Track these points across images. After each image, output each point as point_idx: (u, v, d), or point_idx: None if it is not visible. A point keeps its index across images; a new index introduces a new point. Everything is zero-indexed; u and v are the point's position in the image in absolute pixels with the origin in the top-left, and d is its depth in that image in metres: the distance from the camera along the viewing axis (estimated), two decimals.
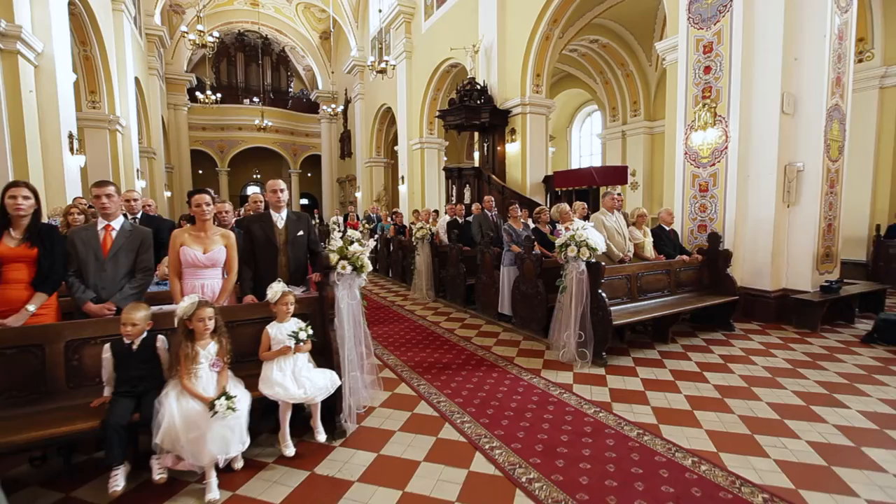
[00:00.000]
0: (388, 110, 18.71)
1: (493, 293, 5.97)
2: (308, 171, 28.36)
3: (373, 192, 21.12)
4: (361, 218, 13.33)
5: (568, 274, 4.29)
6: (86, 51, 11.17)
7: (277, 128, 25.97)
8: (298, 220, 3.51)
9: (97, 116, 11.62)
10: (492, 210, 6.68)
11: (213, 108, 24.62)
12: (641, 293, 4.96)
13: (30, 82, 7.10)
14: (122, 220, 2.99)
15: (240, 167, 27.97)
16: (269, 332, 2.81)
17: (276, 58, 27.27)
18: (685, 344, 4.87)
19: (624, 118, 13.43)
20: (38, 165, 7.22)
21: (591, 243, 4.18)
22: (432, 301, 7.46)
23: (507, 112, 10.77)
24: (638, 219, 5.61)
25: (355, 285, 3.25)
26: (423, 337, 5.36)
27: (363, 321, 3.36)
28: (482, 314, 6.29)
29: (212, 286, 3.10)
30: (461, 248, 6.81)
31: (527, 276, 5.27)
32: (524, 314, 5.38)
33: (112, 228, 2.93)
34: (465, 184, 10.97)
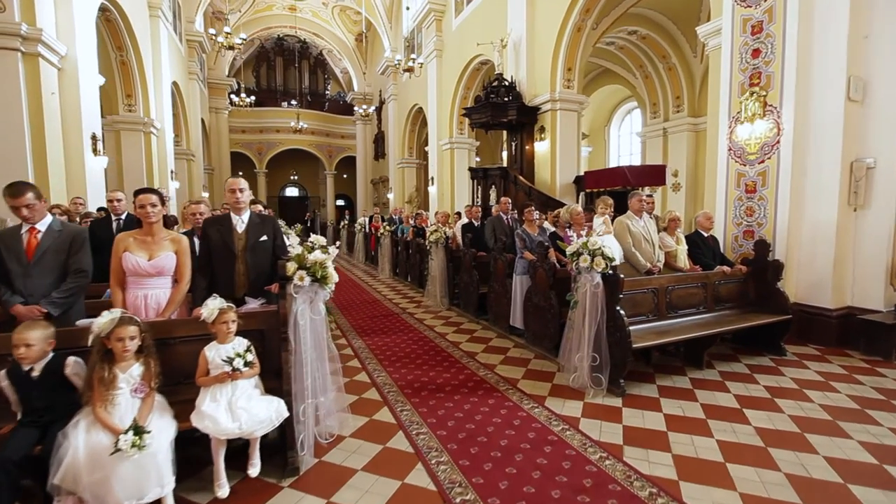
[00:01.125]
0: (420, 111, 18.46)
1: (504, 304, 5.44)
2: (343, 173, 28.64)
3: (404, 194, 20.95)
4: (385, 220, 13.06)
5: (580, 287, 3.71)
6: (122, 56, 11.50)
7: (313, 130, 26.35)
8: (263, 223, 3.15)
9: (132, 119, 11.96)
10: (507, 213, 6.14)
11: (252, 111, 25.36)
12: (671, 310, 4.29)
13: (52, 84, 7.23)
14: (49, 221, 2.72)
15: (278, 169, 28.62)
16: (207, 355, 2.44)
17: (314, 61, 27.74)
18: (724, 370, 4.15)
19: (666, 114, 12.45)
20: (59, 166, 7.34)
21: (608, 252, 3.59)
22: (445, 309, 6.99)
23: (535, 109, 10.16)
24: (670, 223, 4.91)
25: (319, 299, 2.85)
26: (423, 351, 4.91)
27: (328, 338, 2.95)
28: (494, 326, 5.77)
29: (157, 297, 2.77)
30: (474, 254, 6.31)
31: (539, 286, 4.71)
32: (536, 329, 4.82)
33: (37, 231, 2.66)
34: (491, 185, 10.45)
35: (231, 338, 2.51)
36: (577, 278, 3.76)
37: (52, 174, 7.06)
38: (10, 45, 6.57)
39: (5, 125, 6.62)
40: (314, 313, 2.85)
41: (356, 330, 5.84)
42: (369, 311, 7.02)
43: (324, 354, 2.91)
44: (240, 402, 2.37)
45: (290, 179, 30.54)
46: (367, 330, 5.84)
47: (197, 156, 18.65)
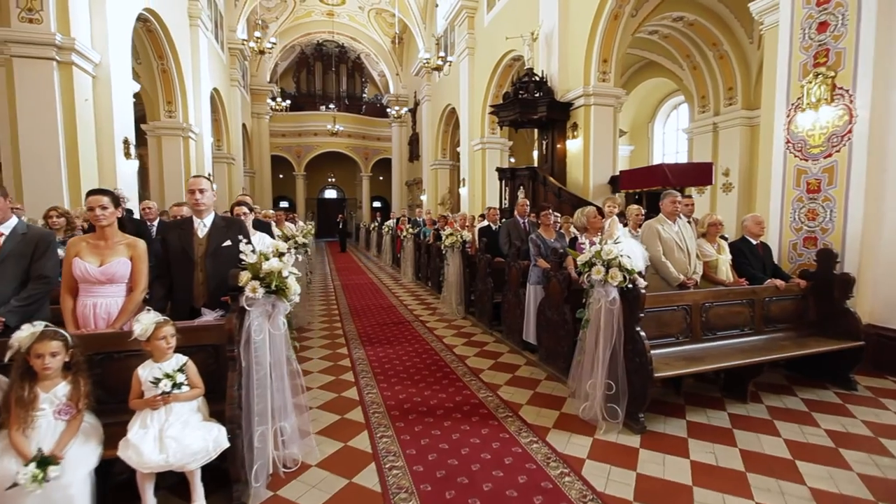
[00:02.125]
0: (453, 111, 18.13)
1: (518, 315, 4.94)
2: (379, 175, 28.80)
3: (437, 195, 20.69)
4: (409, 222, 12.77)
5: (592, 303, 3.18)
6: (163, 64, 11.87)
7: (350, 132, 26.66)
8: (228, 227, 2.85)
9: (172, 125, 12.34)
10: (525, 216, 5.62)
11: (291, 115, 26.01)
12: (708, 331, 3.64)
13: (86, 91, 7.43)
14: (13, 223, 2.54)
15: (316, 171, 29.20)
16: (140, 375, 2.15)
17: (352, 65, 28.10)
18: (774, 406, 3.47)
19: (716, 108, 11.40)
20: (92, 169, 7.52)
21: (626, 263, 3.04)
22: (461, 318, 6.55)
23: (567, 105, 9.54)
24: (709, 228, 4.24)
25: (278, 312, 2.50)
26: (425, 365, 4.50)
27: (290, 355, 2.60)
28: (507, 339, 5.27)
29: (108, 306, 2.52)
30: (490, 260, 5.83)
31: (552, 298, 4.18)
32: (549, 346, 4.29)
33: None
34: (519, 186, 9.91)
35: (170, 355, 2.20)
36: (589, 292, 3.22)
37: (83, 177, 7.24)
38: (46, 54, 6.78)
39: (40, 130, 6.83)
40: (273, 328, 2.52)
41: (361, 338, 5.52)
42: (381, 317, 6.69)
43: (285, 373, 2.57)
44: (171, 430, 2.06)
45: (328, 181, 31.09)
46: (373, 338, 5.50)
47: (237, 159, 19.19)
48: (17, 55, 6.64)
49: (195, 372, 2.24)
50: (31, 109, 6.76)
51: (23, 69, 6.69)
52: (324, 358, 4.76)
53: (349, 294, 8.75)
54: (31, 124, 6.78)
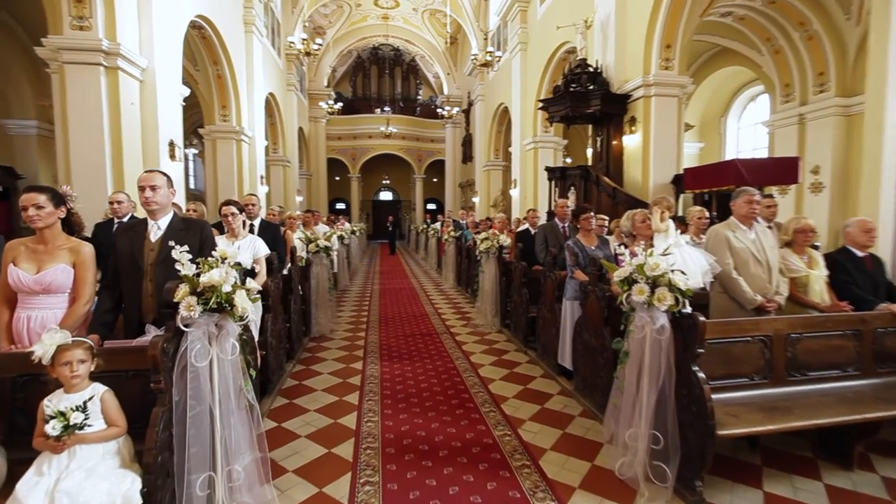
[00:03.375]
0: (506, 110, 17.48)
1: (553, 334, 4.26)
2: (433, 177, 28.70)
3: (490, 197, 20.12)
4: None
5: (633, 331, 2.48)
6: (217, 70, 12.26)
7: (403, 134, 26.76)
8: (186, 231, 2.47)
9: (226, 128, 12.72)
10: (565, 219, 4.90)
11: (347, 118, 26.52)
12: (796, 370, 2.78)
13: (132, 95, 7.64)
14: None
15: (371, 173, 29.63)
16: (44, 409, 1.79)
17: (406, 67, 28.22)
18: (892, 477, 2.57)
19: (803, 97, 9.87)
20: (137, 171, 7.70)
21: (678, 281, 2.32)
22: (495, 331, 5.94)
23: (625, 98, 8.60)
24: (796, 236, 3.34)
25: (227, 334, 2.07)
26: (442, 389, 3.95)
27: (243, 384, 2.16)
28: (541, 361, 4.59)
29: (44, 319, 2.22)
30: (525, 268, 5.18)
31: (590, 318, 3.49)
32: (586, 375, 3.59)
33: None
34: (570, 186, 9.11)
35: (83, 385, 1.83)
36: (629, 317, 2.52)
37: (128, 178, 7.42)
38: (93, 59, 6.99)
39: (88, 133, 7.06)
40: (222, 352, 2.09)
41: (381, 351, 5.08)
42: (410, 327, 6.23)
43: (234, 407, 2.13)
44: (68, 482, 1.67)
45: (383, 183, 31.46)
46: (393, 352, 5.04)
47: (293, 162, 19.70)
48: (68, 62, 6.89)
49: (114, 406, 1.85)
50: (81, 113, 7.00)
51: (73, 75, 6.94)
52: (334, 373, 4.36)
53: (384, 299, 8.40)
54: (80, 127, 7.02)
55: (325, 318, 5.81)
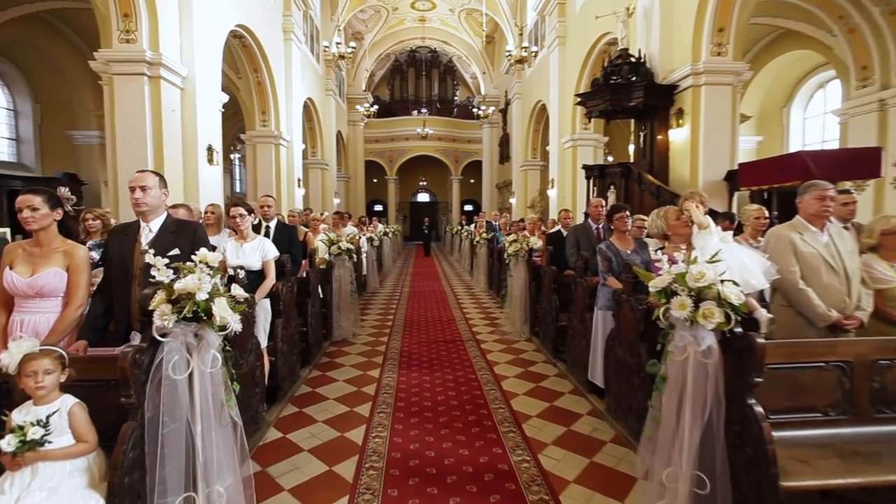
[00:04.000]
0: (544, 108, 16.96)
1: (584, 346, 3.87)
2: (470, 178, 28.46)
3: (527, 198, 19.61)
4: None
5: (672, 353, 2.09)
6: (257, 76, 12.57)
7: (440, 136, 26.69)
8: (178, 233, 2.33)
9: (265, 133, 13.02)
10: (599, 220, 4.48)
11: (384, 120, 26.79)
12: (885, 406, 2.27)
13: (173, 102, 7.86)
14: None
15: (408, 175, 29.76)
16: (13, 420, 1.66)
17: (444, 69, 28.16)
18: None
19: (884, 80, 8.80)
20: (177, 175, 7.95)
21: (729, 294, 1.92)
22: (524, 339, 5.58)
23: (671, 88, 7.99)
24: (883, 239, 2.80)
25: (207, 346, 1.89)
26: (460, 403, 3.66)
27: (225, 399, 1.97)
28: (571, 375, 4.21)
29: (36, 324, 2.14)
30: (555, 273, 4.80)
31: (624, 331, 3.09)
32: (619, 395, 3.19)
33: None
34: (610, 185, 8.59)
35: (50, 397, 1.69)
36: (668, 335, 2.13)
37: (168, 181, 7.64)
38: (137, 70, 7.24)
39: (133, 140, 7.32)
40: (204, 364, 1.91)
41: (401, 358, 4.85)
42: (435, 332, 5.98)
43: (215, 424, 1.94)
44: (28, 501, 1.53)
45: (420, 185, 31.50)
46: (414, 360, 4.80)
47: (331, 165, 20.01)
48: (116, 73, 7.17)
49: (83, 421, 1.70)
50: (126, 120, 7.27)
51: (120, 85, 7.21)
52: (350, 381, 4.18)
53: (412, 303, 8.21)
54: (125, 134, 7.28)
55: (347, 321, 5.66)
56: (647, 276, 2.25)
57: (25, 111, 11.86)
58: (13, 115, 11.70)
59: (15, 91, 11.63)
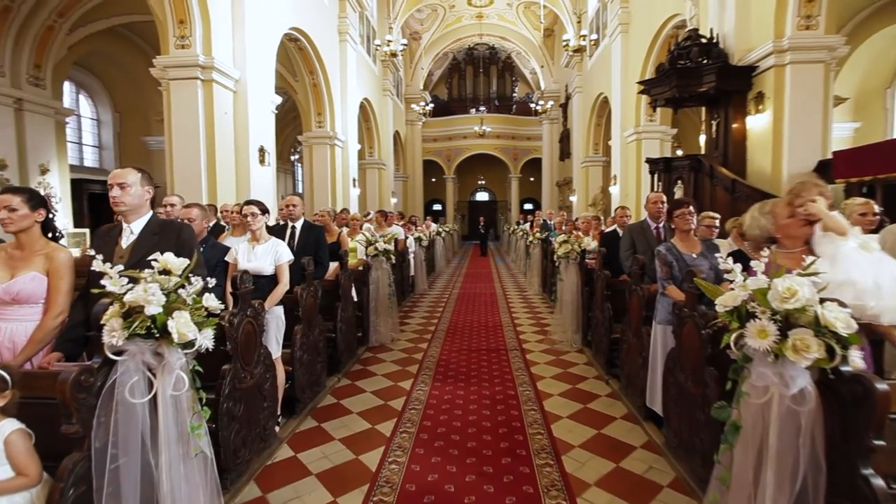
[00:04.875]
0: (606, 101, 15.98)
1: (639, 365, 3.32)
2: (530, 175, 27.71)
3: (588, 196, 18.61)
4: None
5: (747, 395, 1.57)
6: (313, 78, 12.84)
7: (498, 133, 26.19)
8: (162, 234, 2.14)
9: (321, 134, 13.29)
10: (659, 218, 3.86)
11: (441, 119, 26.73)
12: None
13: (225, 105, 8.11)
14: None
15: (466, 174, 29.52)
16: None
17: (502, 65, 27.60)
18: None
19: None
20: (229, 176, 8.20)
21: (832, 321, 1.39)
22: (575, 350, 5.05)
23: (748, 70, 7.02)
24: None
25: (171, 366, 1.66)
26: (493, 425, 3.26)
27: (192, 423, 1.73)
28: (625, 396, 3.66)
29: (13, 333, 2.01)
30: (608, 277, 4.24)
31: (687, 353, 2.54)
32: (680, 429, 2.64)
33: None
34: (677, 180, 7.76)
35: None
36: (742, 371, 1.61)
37: (220, 183, 7.90)
38: (191, 74, 7.53)
39: (187, 142, 7.62)
40: (167, 387, 1.69)
41: (437, 368, 4.53)
42: (478, 339, 5.60)
43: (180, 454, 1.72)
44: None
45: (478, 184, 31.12)
46: (451, 370, 4.46)
47: (388, 165, 20.20)
48: (173, 78, 7.48)
49: (23, 450, 1.52)
50: (182, 124, 7.57)
51: (176, 89, 7.53)
52: (378, 392, 3.92)
53: (460, 306, 7.87)
54: (180, 137, 7.59)
55: (385, 326, 5.44)
56: (712, 289, 1.74)
57: (106, 120, 12.95)
58: (97, 124, 12.81)
59: (97, 101, 12.74)
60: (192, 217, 3.00)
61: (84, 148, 12.79)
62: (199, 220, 3.02)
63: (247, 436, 2.64)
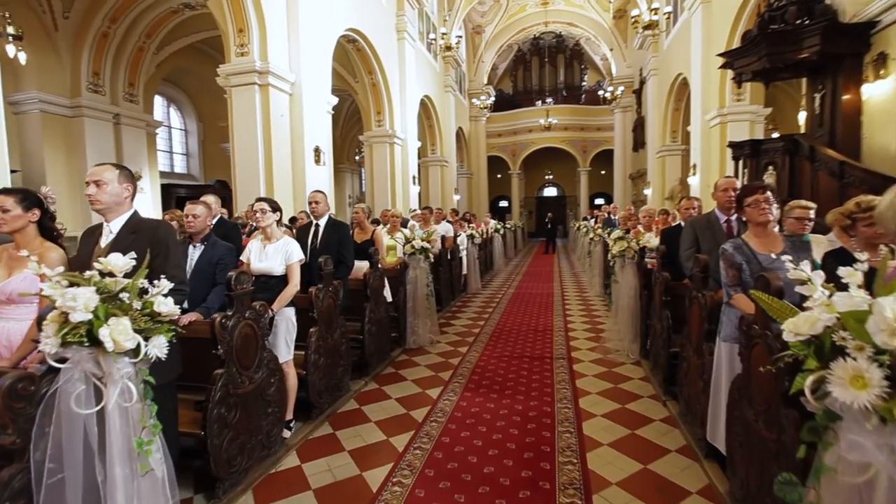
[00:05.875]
0: (685, 82, 14.48)
1: (700, 389, 2.72)
2: (601, 169, 26.23)
3: (664, 188, 17.10)
4: None
5: (829, 468, 1.06)
6: (372, 78, 12.99)
7: (566, 125, 25.05)
8: (138, 234, 2.01)
9: (380, 133, 13.43)
10: (730, 209, 3.16)
11: (505, 114, 26.11)
12: None
13: (281, 108, 8.34)
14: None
15: (532, 170, 28.67)
16: None
17: (570, 53, 26.31)
18: None
19: None
20: (285, 175, 8.43)
21: None
22: (631, 362, 4.44)
23: (866, 28, 5.80)
24: None
25: (113, 377, 1.49)
26: (518, 447, 2.85)
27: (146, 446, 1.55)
28: (682, 422, 3.05)
29: (9, 332, 2.01)
30: (667, 281, 3.61)
31: (757, 385, 1.96)
32: (746, 479, 2.06)
33: None
34: (767, 165, 6.71)
35: None
36: (824, 430, 1.10)
37: (276, 182, 8.15)
38: (249, 80, 7.81)
39: (247, 145, 7.95)
40: (121, 398, 1.53)
41: (472, 376, 4.18)
42: (524, 345, 5.16)
43: (130, 473, 1.55)
44: None
45: (546, 179, 30.05)
46: (486, 379, 4.08)
47: (450, 162, 20.03)
48: (234, 84, 7.82)
49: None
50: (242, 128, 7.90)
51: (237, 95, 7.86)
52: (402, 399, 3.66)
53: (512, 306, 7.42)
54: (241, 141, 7.93)
55: (423, 328, 5.18)
56: (777, 306, 1.23)
57: (192, 130, 14.08)
58: (184, 133, 13.97)
59: (184, 113, 13.88)
60: (196, 213, 2.90)
61: (174, 156, 14.04)
62: (203, 218, 2.93)
63: (245, 443, 2.50)
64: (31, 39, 8.91)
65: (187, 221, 2.96)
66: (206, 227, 3.04)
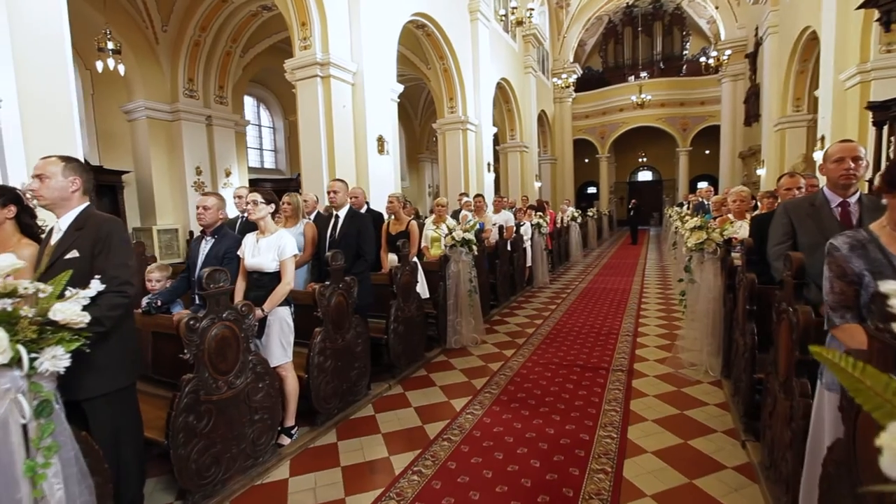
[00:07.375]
0: (814, 38, 12.08)
1: (787, 440, 1.97)
2: (704, 148, 23.39)
3: (782, 167, 14.56)
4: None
5: None
6: (443, 63, 12.66)
7: (662, 101, 22.63)
8: (85, 230, 1.82)
9: (453, 119, 13.10)
10: (847, 187, 2.22)
11: (592, 93, 24.30)
12: None
13: (344, 98, 8.33)
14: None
15: (624, 152, 26.59)
16: None
17: (669, 19, 23.55)
18: None
19: None
20: (348, 166, 8.45)
21: None
22: (708, 380, 3.60)
23: None
24: None
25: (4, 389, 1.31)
26: (533, 485, 2.33)
27: (38, 471, 1.36)
28: (764, 477, 2.28)
29: None
30: (752, 284, 2.76)
31: (867, 464, 1.25)
32: None
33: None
34: None
35: None
36: None
37: (339, 173, 8.19)
38: (311, 73, 7.90)
39: (310, 137, 8.08)
40: (10, 415, 1.36)
41: (507, 386, 3.68)
42: (577, 352, 4.50)
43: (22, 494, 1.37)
44: None
45: (640, 162, 27.62)
46: (523, 391, 3.56)
47: (531, 147, 19.08)
48: (299, 78, 7.96)
49: None
50: (307, 120, 8.05)
51: (301, 88, 8.01)
52: (421, 409, 3.30)
53: (578, 304, 6.68)
54: (306, 132, 8.08)
55: (467, 327, 4.75)
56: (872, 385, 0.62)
57: (279, 127, 14.94)
58: (272, 131, 14.88)
59: (272, 112, 14.75)
60: (207, 206, 2.78)
61: (264, 152, 15.06)
62: (214, 210, 2.80)
63: (223, 452, 2.32)
64: (136, 52, 9.94)
65: (198, 213, 2.87)
66: (217, 219, 2.92)
